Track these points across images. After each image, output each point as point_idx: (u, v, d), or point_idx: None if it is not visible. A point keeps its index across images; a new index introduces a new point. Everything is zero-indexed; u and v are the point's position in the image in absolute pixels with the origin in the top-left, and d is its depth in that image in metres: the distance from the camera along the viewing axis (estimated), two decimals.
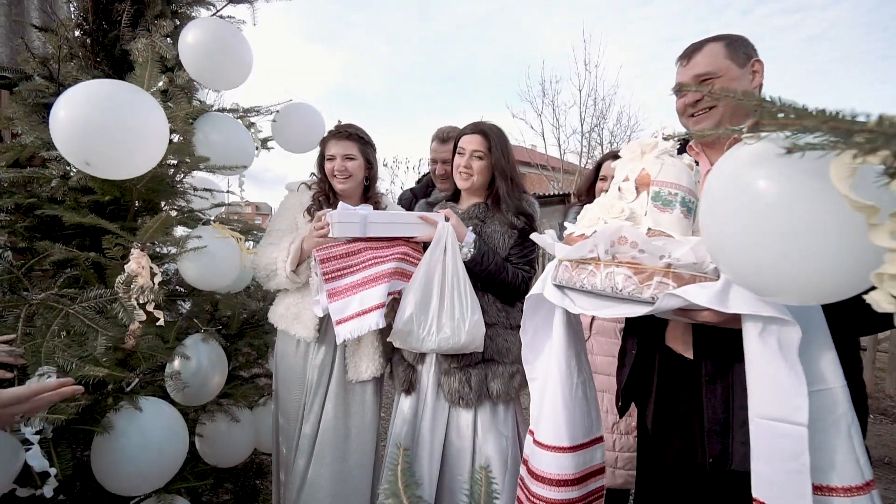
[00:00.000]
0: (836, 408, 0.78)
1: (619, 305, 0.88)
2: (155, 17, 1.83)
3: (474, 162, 1.68)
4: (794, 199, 0.61)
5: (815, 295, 0.67)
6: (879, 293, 0.51)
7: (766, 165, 0.63)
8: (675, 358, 1.12)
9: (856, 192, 0.53)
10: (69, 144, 1.22)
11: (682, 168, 0.96)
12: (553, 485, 1.06)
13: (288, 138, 2.26)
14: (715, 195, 0.72)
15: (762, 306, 0.76)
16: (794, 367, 0.75)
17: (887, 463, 3.29)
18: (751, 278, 0.71)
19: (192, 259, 1.59)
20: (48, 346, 1.09)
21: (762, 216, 0.64)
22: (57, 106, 1.20)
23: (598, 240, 0.87)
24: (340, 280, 1.60)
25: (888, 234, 0.51)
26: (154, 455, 1.28)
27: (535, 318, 1.19)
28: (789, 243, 0.62)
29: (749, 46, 1.15)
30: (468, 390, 1.59)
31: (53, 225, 1.64)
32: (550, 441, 1.08)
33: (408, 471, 0.47)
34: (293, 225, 1.86)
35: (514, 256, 1.67)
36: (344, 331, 1.56)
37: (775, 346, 0.77)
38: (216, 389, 1.69)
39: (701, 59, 1.13)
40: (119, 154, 1.27)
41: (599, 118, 13.05)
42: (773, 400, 0.78)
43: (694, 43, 1.17)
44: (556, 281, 1.02)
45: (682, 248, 0.82)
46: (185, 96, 1.87)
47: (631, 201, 0.93)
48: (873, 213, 0.52)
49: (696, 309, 0.84)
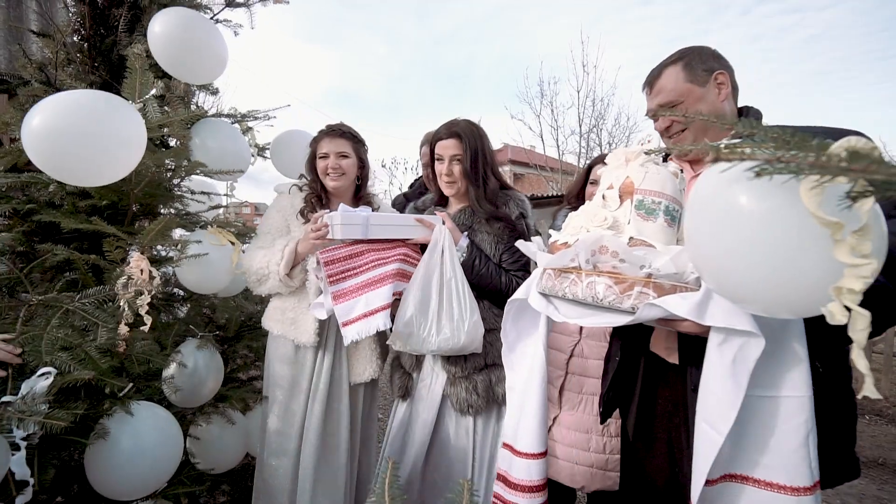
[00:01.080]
0: (800, 414, 0.81)
1: (601, 314, 0.89)
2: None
3: (455, 167, 1.64)
4: (770, 215, 0.63)
5: (791, 307, 0.69)
6: (835, 305, 0.53)
7: (743, 181, 0.64)
8: (659, 364, 1.13)
9: (823, 209, 0.55)
10: (32, 148, 1.23)
11: (666, 176, 0.97)
12: (534, 491, 1.08)
13: (285, 163, 2.28)
14: (698, 205, 0.74)
15: (738, 320, 0.78)
16: (739, 383, 0.80)
17: (881, 463, 3.30)
18: (731, 289, 0.73)
19: (188, 262, 1.62)
20: (49, 338, 1.09)
21: (741, 229, 0.66)
22: (29, 114, 1.22)
23: (579, 249, 0.88)
24: (345, 282, 1.61)
25: (849, 250, 0.52)
26: (148, 459, 1.28)
27: (519, 324, 1.19)
28: (766, 256, 0.64)
29: (708, 59, 1.14)
30: (476, 397, 1.60)
31: (51, 229, 1.66)
32: (531, 449, 1.09)
33: (395, 483, 0.49)
34: (284, 228, 1.84)
35: (506, 262, 1.66)
36: (351, 332, 1.56)
37: (729, 359, 0.81)
38: (211, 393, 1.71)
39: (662, 85, 1.14)
40: (81, 161, 1.26)
41: (598, 119, 13.01)
42: (709, 407, 0.85)
43: (653, 69, 1.18)
44: (541, 289, 1.03)
45: (662, 258, 0.83)
46: (182, 101, 1.89)
47: (614, 210, 0.94)
48: (838, 230, 0.54)
49: (676, 319, 0.85)
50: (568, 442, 1.76)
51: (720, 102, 1.13)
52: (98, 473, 1.25)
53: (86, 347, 1.15)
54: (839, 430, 1.03)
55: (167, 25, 1.68)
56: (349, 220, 1.59)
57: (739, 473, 0.87)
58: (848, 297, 0.53)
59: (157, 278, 1.45)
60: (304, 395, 1.76)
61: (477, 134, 1.66)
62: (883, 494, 2.89)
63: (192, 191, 1.95)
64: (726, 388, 0.81)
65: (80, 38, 1.88)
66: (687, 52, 1.16)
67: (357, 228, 1.60)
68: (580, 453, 1.74)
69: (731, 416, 0.79)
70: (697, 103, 1.11)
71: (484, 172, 1.64)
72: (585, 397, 1.77)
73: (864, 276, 0.54)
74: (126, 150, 1.33)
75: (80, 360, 1.14)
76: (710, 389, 0.84)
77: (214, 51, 1.82)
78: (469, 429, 1.65)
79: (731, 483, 0.88)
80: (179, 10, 1.75)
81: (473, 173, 1.63)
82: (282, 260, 1.68)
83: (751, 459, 0.85)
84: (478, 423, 1.65)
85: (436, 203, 1.85)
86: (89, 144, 1.24)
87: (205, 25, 1.79)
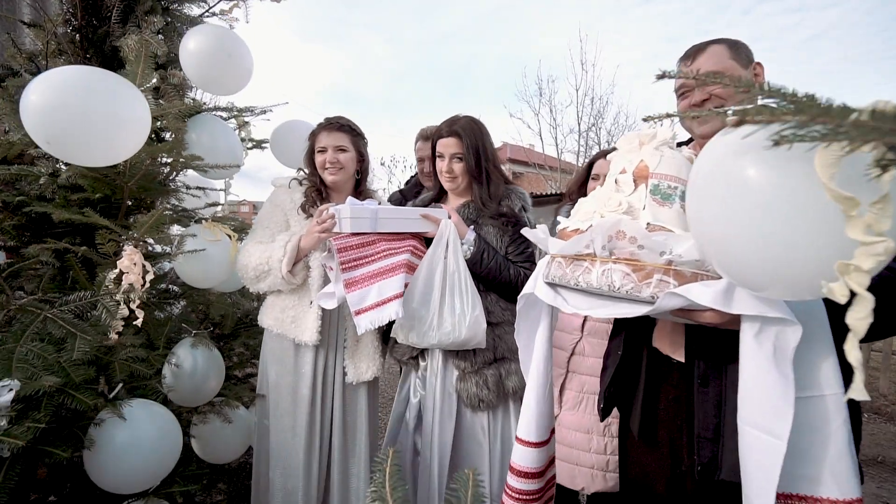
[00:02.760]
0: (839, 414, 0.74)
1: (615, 305, 0.84)
2: (145, 14, 1.80)
3: (455, 165, 1.65)
4: (778, 186, 0.59)
5: (802, 288, 0.64)
6: (839, 284, 0.50)
7: (752, 152, 0.60)
8: (663, 360, 1.10)
9: (836, 183, 0.51)
10: (31, 121, 1.20)
11: (681, 161, 0.93)
12: (523, 477, 1.08)
13: (285, 153, 2.27)
14: (700, 180, 0.70)
15: (767, 307, 0.72)
16: (785, 375, 0.72)
17: (881, 461, 3.30)
18: (741, 272, 0.69)
19: (185, 257, 1.58)
20: (20, 351, 1.04)
21: (746, 202, 0.62)
22: (27, 88, 1.18)
23: (594, 234, 0.83)
24: (357, 270, 1.58)
25: (864, 227, 0.49)
26: (146, 453, 1.26)
27: (529, 320, 1.16)
28: (773, 232, 0.60)
29: (749, 50, 1.14)
30: (487, 391, 1.59)
31: (43, 223, 1.61)
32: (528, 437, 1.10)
33: (396, 473, 0.46)
34: (284, 223, 1.79)
35: (512, 254, 1.65)
36: (364, 321, 1.54)
37: (770, 350, 0.73)
38: (213, 391, 1.67)
39: (705, 59, 1.11)
40: (83, 138, 1.23)
41: (597, 117, 13.04)
42: (758, 408, 0.75)
43: (696, 45, 1.16)
44: (549, 278, 0.98)
45: (684, 244, 0.78)
46: (178, 94, 1.85)
47: (629, 194, 0.90)
48: (853, 206, 0.50)
49: (697, 309, 0.80)
50: (568, 442, 1.73)
51: None
52: (95, 468, 1.22)
53: (60, 359, 1.09)
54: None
55: (200, 44, 1.74)
56: (358, 214, 1.57)
57: (780, 492, 0.75)
58: (855, 276, 0.49)
59: (151, 273, 1.41)
60: (304, 394, 1.72)
61: (478, 131, 1.66)
62: (882, 492, 2.88)
63: (186, 186, 1.91)
64: (774, 382, 0.71)
65: (72, 28, 1.83)
66: (729, 39, 1.15)
67: (366, 222, 1.58)
68: (581, 454, 1.71)
69: (789, 413, 0.70)
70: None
71: (487, 169, 1.65)
72: (586, 396, 1.74)
73: (878, 255, 0.50)
74: (133, 128, 1.33)
75: (53, 372, 1.08)
76: (755, 387, 0.75)
77: (243, 64, 1.88)
78: (484, 426, 1.63)
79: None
80: (211, 27, 1.82)
81: (477, 171, 1.64)
82: (284, 256, 1.63)
83: (792, 474, 0.75)
84: (491, 419, 1.64)
85: (435, 198, 1.83)
86: (97, 122, 1.23)
87: (234, 40, 1.84)
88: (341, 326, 1.78)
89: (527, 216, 1.70)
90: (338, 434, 1.76)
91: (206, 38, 1.75)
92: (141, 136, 1.36)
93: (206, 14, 2.08)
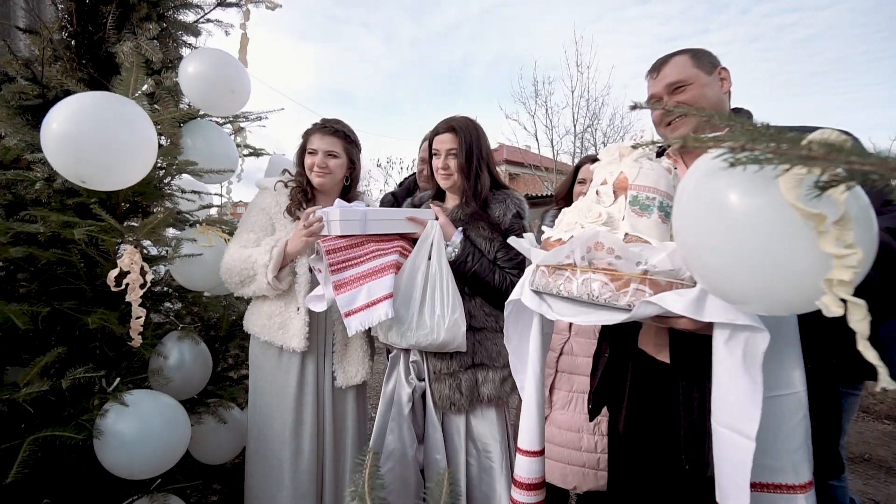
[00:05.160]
0: (799, 411, 0.80)
1: (596, 312, 0.88)
2: (140, 20, 1.82)
3: (451, 161, 1.65)
4: (752, 210, 0.62)
5: (779, 304, 0.68)
6: (829, 297, 0.53)
7: (727, 174, 0.63)
8: (649, 361, 1.13)
9: (803, 202, 0.55)
10: (60, 158, 1.25)
11: (660, 172, 0.97)
12: (531, 489, 1.08)
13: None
14: (683, 200, 0.74)
15: (736, 315, 0.76)
16: (754, 379, 0.76)
17: (867, 459, 3.35)
18: (718, 285, 0.73)
19: (181, 261, 1.60)
20: None
21: (723, 226, 0.65)
22: (48, 119, 1.22)
23: (574, 245, 0.87)
24: (346, 272, 1.60)
25: (833, 240, 0.53)
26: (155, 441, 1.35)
27: (519, 326, 1.18)
28: (749, 252, 0.63)
29: (713, 57, 1.20)
30: (459, 396, 1.58)
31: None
32: (527, 446, 1.10)
33: (375, 474, 0.48)
34: (269, 227, 1.76)
35: (501, 260, 1.65)
36: (355, 322, 1.55)
37: (739, 355, 0.78)
38: (200, 385, 1.70)
39: (670, 70, 1.17)
40: (111, 168, 1.30)
41: (592, 119, 13.06)
42: (728, 409, 0.80)
43: (660, 57, 1.23)
44: (534, 286, 1.02)
45: (658, 255, 0.82)
46: (172, 99, 1.87)
47: (608, 205, 0.93)
48: (821, 221, 0.54)
49: (672, 316, 0.84)
50: (559, 441, 1.76)
51: (723, 94, 1.18)
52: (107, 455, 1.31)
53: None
54: (824, 427, 1.03)
55: (200, 67, 1.78)
56: (348, 216, 1.57)
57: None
58: (840, 288, 0.53)
59: (150, 273, 1.43)
60: (293, 400, 1.71)
61: (474, 130, 1.66)
62: (868, 489, 2.93)
63: (182, 189, 1.93)
64: (743, 386, 0.77)
65: (68, 34, 1.84)
66: (691, 48, 1.21)
67: (356, 224, 1.58)
68: (572, 453, 1.74)
69: (756, 415, 0.75)
70: (703, 88, 1.14)
71: (477, 167, 1.64)
72: (576, 395, 1.77)
73: (853, 266, 0.54)
74: (146, 151, 1.39)
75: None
76: (727, 390, 0.80)
77: (241, 88, 1.92)
78: (461, 429, 1.63)
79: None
80: (211, 51, 1.86)
81: (467, 166, 1.63)
82: (270, 261, 1.60)
83: (760, 465, 0.80)
84: (470, 423, 1.64)
85: (433, 198, 1.83)
86: (115, 150, 1.29)
87: (233, 65, 1.88)
88: (329, 331, 1.77)
89: (522, 222, 1.68)
90: (329, 439, 1.76)
91: (208, 68, 1.78)
92: (151, 159, 1.41)
93: (200, 20, 2.09)
